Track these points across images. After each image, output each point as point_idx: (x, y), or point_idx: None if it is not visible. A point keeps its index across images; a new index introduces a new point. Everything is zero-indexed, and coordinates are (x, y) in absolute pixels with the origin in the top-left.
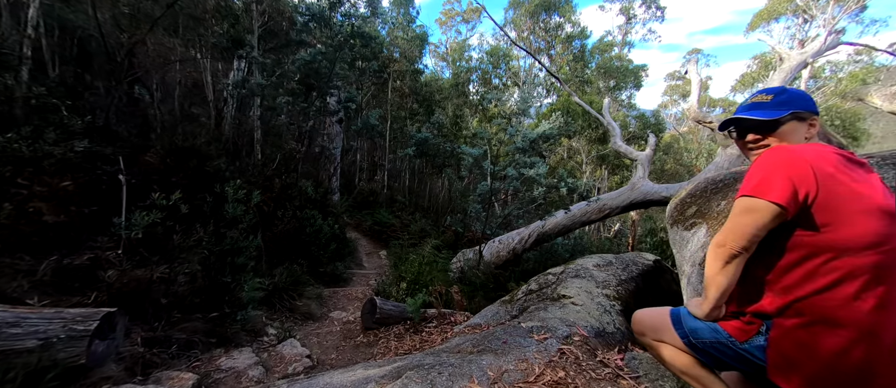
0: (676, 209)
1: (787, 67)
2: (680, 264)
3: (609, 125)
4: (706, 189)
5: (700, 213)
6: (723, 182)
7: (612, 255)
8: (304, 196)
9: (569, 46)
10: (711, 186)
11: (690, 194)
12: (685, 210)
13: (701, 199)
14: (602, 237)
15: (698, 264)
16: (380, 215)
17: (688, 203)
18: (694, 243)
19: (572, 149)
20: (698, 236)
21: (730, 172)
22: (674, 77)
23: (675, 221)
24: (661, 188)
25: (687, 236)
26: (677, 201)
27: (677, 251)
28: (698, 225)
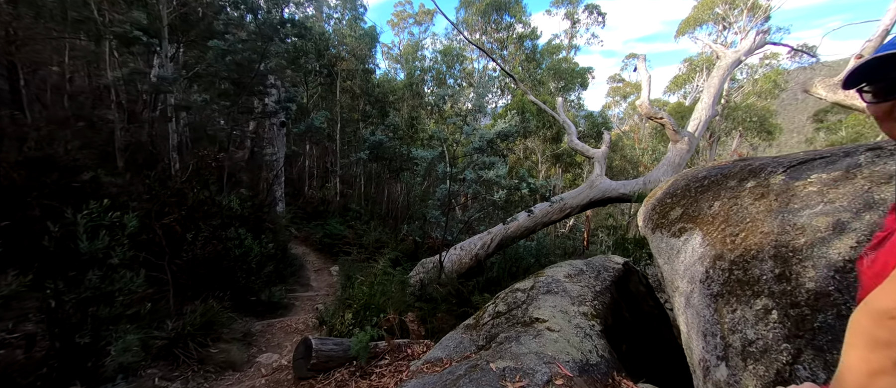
0: (656, 212)
1: (724, 64)
2: (670, 278)
3: (564, 123)
4: (689, 187)
5: (689, 216)
6: (709, 179)
7: (582, 261)
8: (228, 212)
9: (520, 46)
10: (695, 183)
11: (670, 194)
12: (667, 213)
13: (686, 199)
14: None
15: (700, 280)
16: (331, 226)
17: (669, 204)
18: (688, 254)
19: (528, 148)
20: (692, 246)
21: (713, 168)
22: (615, 79)
23: (658, 225)
24: (619, 185)
25: (676, 245)
26: (653, 201)
27: (665, 261)
28: (689, 231)
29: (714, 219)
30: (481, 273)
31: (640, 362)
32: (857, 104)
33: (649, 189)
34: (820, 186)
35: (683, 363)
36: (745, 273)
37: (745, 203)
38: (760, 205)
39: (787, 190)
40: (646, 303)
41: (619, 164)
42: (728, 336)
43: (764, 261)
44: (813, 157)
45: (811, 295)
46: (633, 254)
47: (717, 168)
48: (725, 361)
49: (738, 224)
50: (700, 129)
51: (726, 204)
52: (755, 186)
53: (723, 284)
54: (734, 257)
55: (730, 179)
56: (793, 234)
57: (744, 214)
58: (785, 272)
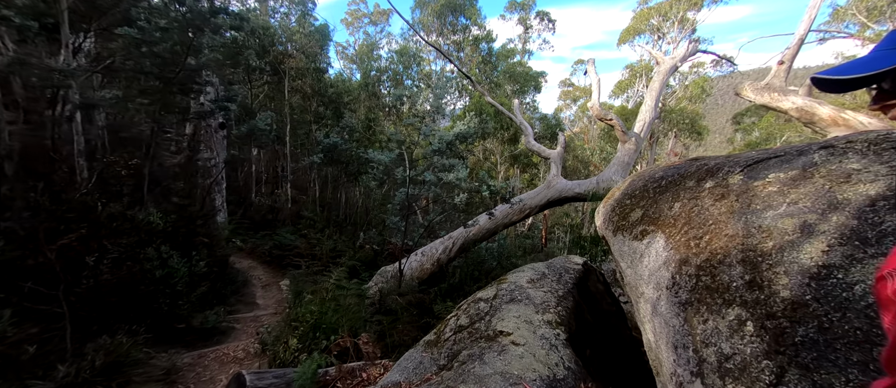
0: (616, 213)
1: (663, 70)
2: (634, 284)
3: (521, 124)
4: (647, 188)
5: (650, 218)
6: (666, 179)
7: (544, 264)
8: (147, 227)
9: (476, 49)
10: (653, 184)
11: (629, 195)
12: (628, 214)
13: (645, 200)
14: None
15: (666, 287)
16: (281, 235)
17: (629, 205)
18: (652, 258)
19: (487, 150)
20: (656, 249)
21: (668, 167)
22: (566, 84)
23: (619, 227)
24: (574, 185)
25: (639, 249)
26: (612, 202)
27: (628, 266)
28: (651, 234)
29: (676, 221)
30: (444, 279)
31: (604, 364)
32: (781, 106)
33: (602, 188)
34: (780, 186)
35: (642, 361)
36: (714, 279)
37: (705, 204)
38: (722, 206)
39: (747, 190)
40: (604, 301)
41: (573, 164)
42: (701, 350)
43: (732, 266)
44: (768, 156)
45: (787, 305)
46: (590, 251)
47: (673, 168)
48: (700, 377)
49: (701, 226)
50: (645, 129)
51: (687, 205)
52: (714, 187)
53: (691, 291)
54: (700, 262)
55: (687, 180)
56: (759, 237)
57: (706, 215)
58: (756, 279)
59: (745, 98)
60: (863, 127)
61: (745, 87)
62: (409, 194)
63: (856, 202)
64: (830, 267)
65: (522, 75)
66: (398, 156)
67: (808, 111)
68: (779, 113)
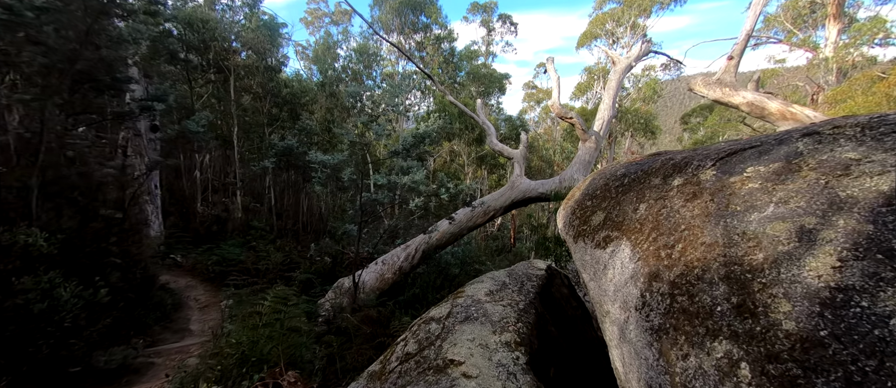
0: (576, 216)
1: (619, 69)
2: (598, 300)
3: (484, 124)
4: (609, 187)
5: (613, 222)
6: (629, 177)
7: (505, 272)
8: (21, 252)
9: (438, 49)
10: (615, 182)
11: (589, 195)
12: (589, 218)
13: (607, 201)
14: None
15: (635, 308)
16: (226, 249)
17: (589, 207)
18: (617, 270)
19: (454, 152)
20: (621, 260)
21: (631, 164)
22: (529, 86)
23: (580, 233)
24: (537, 185)
25: (602, 258)
26: (572, 203)
27: (590, 278)
28: (615, 241)
29: (642, 226)
30: (404, 291)
31: (569, 380)
32: (732, 101)
33: (565, 187)
34: (762, 182)
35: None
36: (692, 301)
37: (675, 205)
38: (694, 208)
39: (722, 188)
40: (569, 306)
41: (537, 164)
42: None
43: (714, 284)
44: (741, 146)
45: (795, 343)
46: (555, 252)
47: (636, 164)
48: None
49: (672, 232)
50: (604, 128)
51: (654, 207)
52: (684, 184)
53: (665, 314)
54: (674, 278)
55: (652, 176)
56: (744, 246)
57: (676, 219)
58: (746, 303)
59: (698, 93)
60: (809, 120)
61: (698, 81)
62: (362, 198)
63: (866, 201)
64: (848, 290)
65: (487, 77)
66: (350, 157)
67: (759, 105)
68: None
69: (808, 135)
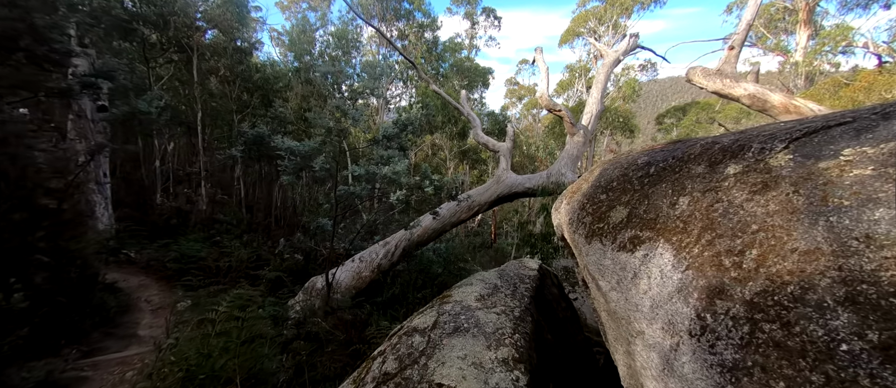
0: (586, 213)
1: (607, 62)
2: (623, 314)
3: (468, 115)
4: (629, 178)
5: (641, 220)
6: (656, 166)
7: (495, 272)
8: None
9: (421, 37)
10: (638, 173)
11: (603, 188)
12: (606, 214)
13: (629, 194)
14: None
15: (689, 332)
16: (186, 244)
17: (605, 202)
18: (655, 281)
19: (436, 145)
20: (660, 268)
21: (651, 151)
22: (511, 82)
23: (595, 232)
24: (524, 179)
25: (630, 264)
26: (580, 197)
27: (612, 287)
28: (648, 242)
29: (687, 225)
30: (382, 291)
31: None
32: (733, 93)
33: (552, 182)
34: (877, 168)
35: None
36: (790, 332)
37: (736, 199)
38: (769, 202)
39: (809, 176)
40: (560, 308)
41: (519, 160)
42: None
43: (828, 310)
44: (820, 125)
45: None
46: (541, 250)
47: (661, 151)
48: None
49: (738, 234)
50: (592, 122)
51: (701, 201)
52: (745, 173)
53: (743, 347)
54: (751, 296)
55: (691, 164)
56: (875, 257)
57: (741, 217)
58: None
59: (697, 84)
60: (813, 114)
61: (697, 72)
62: (337, 190)
63: None
64: None
65: (470, 70)
66: (323, 145)
67: (761, 98)
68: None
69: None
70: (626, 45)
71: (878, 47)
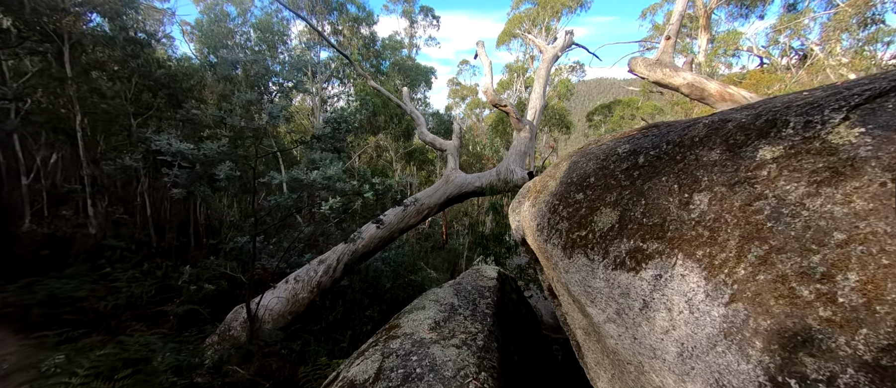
0: (559, 216)
1: (547, 58)
2: (631, 358)
3: (412, 113)
4: (611, 171)
5: (641, 226)
6: (645, 154)
7: (451, 287)
8: None
9: (356, 31)
10: (620, 163)
11: (577, 185)
12: (588, 219)
13: (616, 192)
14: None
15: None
16: (61, 281)
17: (583, 202)
18: (679, 317)
19: (380, 146)
20: (684, 294)
21: (633, 136)
22: (454, 83)
23: (574, 243)
24: (473, 178)
25: (635, 288)
26: (547, 197)
27: (608, 318)
28: (659, 259)
29: (715, 233)
30: (325, 312)
31: None
32: (673, 82)
33: (502, 180)
34: None
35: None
36: None
37: (790, 194)
38: (853, 196)
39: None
40: (520, 314)
41: (466, 159)
42: None
43: None
44: (887, 86)
45: None
46: (493, 252)
47: (644, 137)
48: None
49: (813, 247)
50: (536, 117)
51: (730, 199)
52: (793, 156)
53: None
54: (876, 354)
55: (699, 149)
56: None
57: (808, 220)
58: None
59: (638, 74)
60: (745, 101)
61: (639, 63)
62: (255, 201)
63: None
64: None
65: (412, 70)
66: (231, 147)
67: (699, 87)
68: (629, 107)
69: None
70: (563, 41)
71: (760, 51)
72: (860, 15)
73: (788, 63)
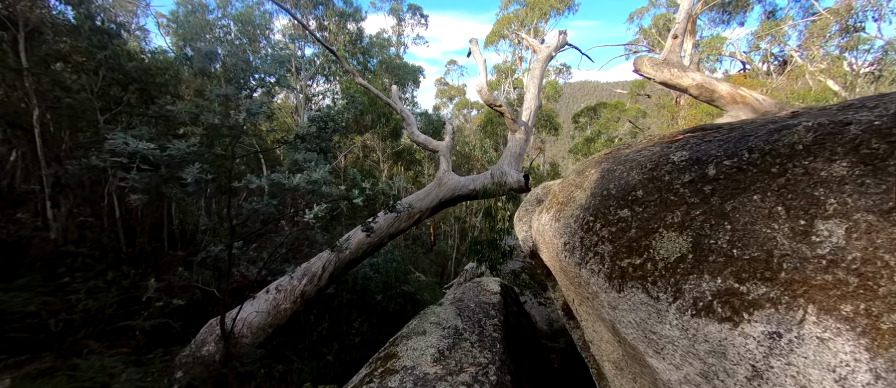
0: (601, 237)
1: (541, 58)
2: None
3: (401, 112)
4: (668, 184)
5: (734, 262)
6: (721, 165)
7: (453, 307)
8: None
9: (343, 26)
10: (683, 174)
11: (621, 199)
12: (642, 244)
13: (679, 210)
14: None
15: None
16: (7, 296)
17: (632, 222)
18: None
19: (367, 146)
20: (837, 374)
21: (706, 140)
22: (441, 83)
23: (625, 274)
24: (468, 181)
25: (736, 347)
26: (576, 211)
27: (689, 380)
28: (778, 309)
29: (874, 282)
30: (310, 326)
31: None
32: (681, 83)
33: (497, 183)
34: None
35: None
36: None
37: None
38: None
39: None
40: (522, 326)
41: (455, 160)
42: None
43: None
44: None
45: None
46: (489, 258)
47: (708, 142)
48: None
49: None
50: (531, 118)
51: (890, 233)
52: None
53: None
54: None
55: (813, 161)
56: None
57: None
58: None
59: (644, 74)
60: (758, 104)
61: (645, 62)
62: (230, 205)
63: None
64: None
65: (400, 68)
66: (207, 146)
67: (708, 88)
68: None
69: None
70: (557, 41)
71: (742, 56)
72: (842, 22)
73: (769, 68)
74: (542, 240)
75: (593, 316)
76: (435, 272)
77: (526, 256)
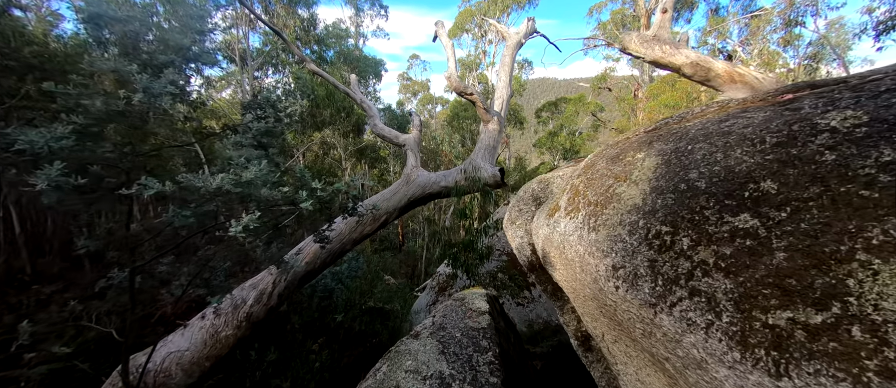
0: (711, 269)
1: (511, 44)
2: None
3: (362, 103)
4: (844, 166)
5: None
6: None
7: (433, 337)
8: None
9: (292, 11)
10: (817, 156)
11: (730, 197)
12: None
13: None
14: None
15: None
16: None
17: (785, 245)
18: None
19: (327, 143)
20: None
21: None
22: (404, 78)
23: (784, 341)
24: (438, 177)
25: None
26: (627, 216)
27: None
28: None
29: None
30: (251, 362)
31: None
32: (673, 62)
33: (471, 178)
34: None
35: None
36: None
37: None
38: None
39: None
40: (509, 342)
41: (423, 157)
42: None
43: None
44: None
45: None
46: (464, 263)
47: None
48: None
49: None
50: (504, 108)
51: None
52: None
53: None
54: None
55: None
56: None
57: None
58: None
59: (633, 52)
60: (758, 82)
61: (633, 39)
62: (130, 214)
63: None
64: None
65: (360, 60)
66: (90, 136)
67: (704, 66)
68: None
69: None
70: (527, 27)
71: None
72: (785, 16)
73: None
74: (558, 255)
75: (645, 363)
76: (405, 274)
77: (526, 266)
